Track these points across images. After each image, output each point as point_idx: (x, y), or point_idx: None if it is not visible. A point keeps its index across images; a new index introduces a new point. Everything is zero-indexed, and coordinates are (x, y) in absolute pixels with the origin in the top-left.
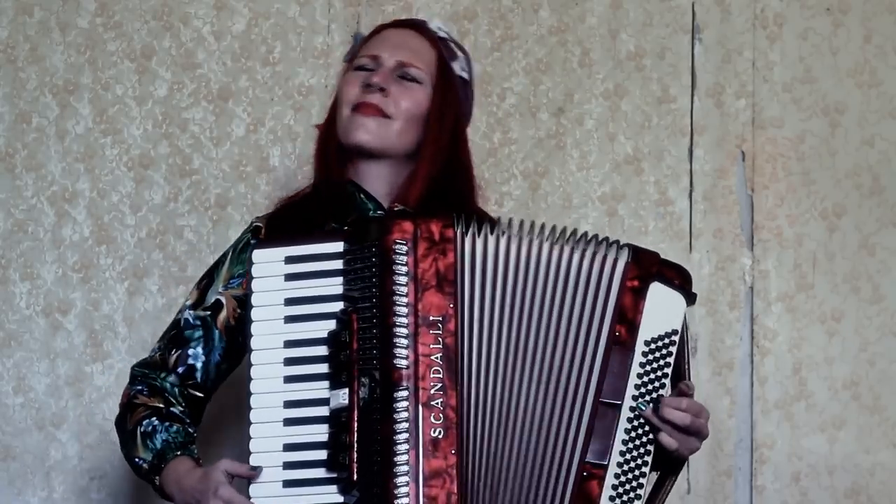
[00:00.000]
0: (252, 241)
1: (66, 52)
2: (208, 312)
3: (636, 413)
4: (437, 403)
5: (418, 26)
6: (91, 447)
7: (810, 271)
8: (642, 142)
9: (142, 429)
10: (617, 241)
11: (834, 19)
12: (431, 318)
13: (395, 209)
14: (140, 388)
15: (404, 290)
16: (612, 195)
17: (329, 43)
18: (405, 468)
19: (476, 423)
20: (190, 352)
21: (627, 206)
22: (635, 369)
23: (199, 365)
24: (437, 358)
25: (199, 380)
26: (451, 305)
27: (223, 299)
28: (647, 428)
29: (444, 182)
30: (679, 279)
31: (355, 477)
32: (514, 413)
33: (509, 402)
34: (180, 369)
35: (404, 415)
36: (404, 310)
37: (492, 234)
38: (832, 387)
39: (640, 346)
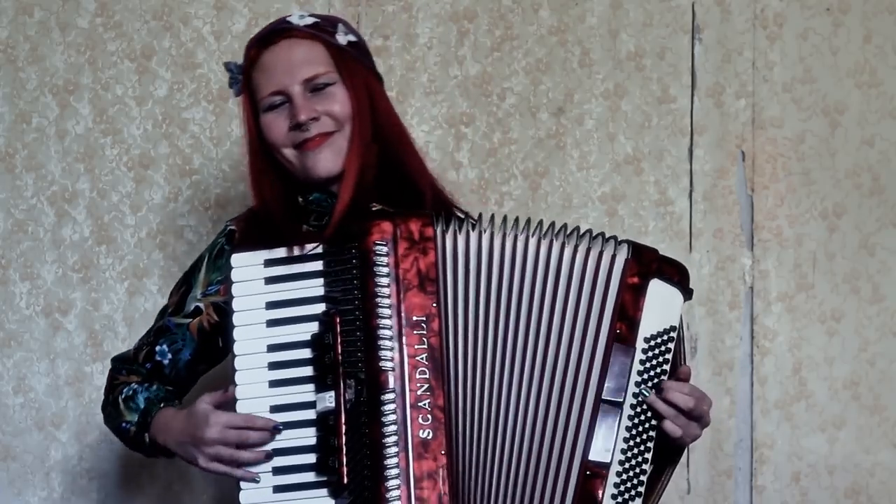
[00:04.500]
0: (226, 247)
1: (66, 52)
2: (189, 320)
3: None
4: (425, 405)
5: (289, 31)
6: (91, 447)
7: (810, 271)
8: (642, 142)
9: (122, 396)
10: (614, 237)
11: (834, 19)
12: (415, 318)
13: (374, 209)
14: (120, 370)
15: (387, 291)
16: (612, 195)
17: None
18: (395, 471)
19: (465, 423)
20: (157, 349)
21: (627, 206)
22: (635, 367)
23: (165, 362)
24: (422, 359)
25: (167, 374)
26: (434, 305)
27: (202, 306)
28: (647, 425)
29: (378, 148)
30: (677, 275)
31: (346, 480)
32: (505, 411)
33: (499, 400)
34: (148, 365)
35: (392, 417)
36: (387, 311)
37: (473, 230)
38: (832, 387)
39: (640, 344)
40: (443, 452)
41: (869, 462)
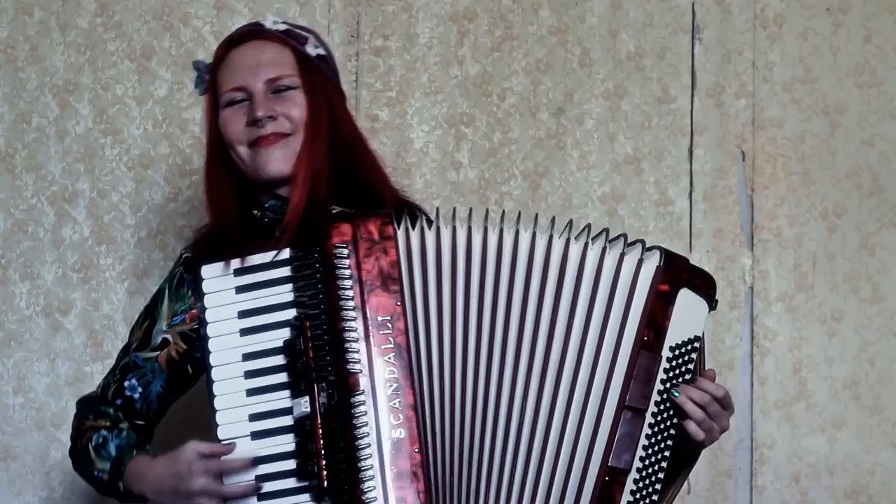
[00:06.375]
0: (186, 275)
1: (66, 52)
2: (157, 352)
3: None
4: (396, 404)
5: (260, 33)
6: None
7: (810, 271)
8: (642, 142)
9: (93, 444)
10: (642, 241)
11: (834, 19)
12: (380, 318)
13: (333, 211)
14: (87, 415)
15: (350, 293)
16: (612, 195)
17: (329, 43)
18: (371, 472)
19: (443, 420)
20: (126, 384)
21: (627, 206)
22: (660, 375)
23: (136, 396)
24: (390, 358)
25: (139, 409)
26: (398, 304)
27: (169, 337)
28: (667, 433)
29: (335, 160)
30: (706, 286)
31: (326, 484)
32: (493, 408)
33: (485, 396)
34: (118, 401)
35: (363, 419)
36: (352, 313)
37: (446, 227)
38: (832, 387)
39: (665, 352)
40: (417, 450)
41: (869, 462)
